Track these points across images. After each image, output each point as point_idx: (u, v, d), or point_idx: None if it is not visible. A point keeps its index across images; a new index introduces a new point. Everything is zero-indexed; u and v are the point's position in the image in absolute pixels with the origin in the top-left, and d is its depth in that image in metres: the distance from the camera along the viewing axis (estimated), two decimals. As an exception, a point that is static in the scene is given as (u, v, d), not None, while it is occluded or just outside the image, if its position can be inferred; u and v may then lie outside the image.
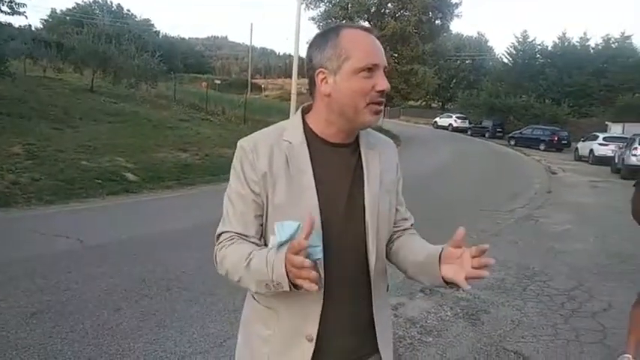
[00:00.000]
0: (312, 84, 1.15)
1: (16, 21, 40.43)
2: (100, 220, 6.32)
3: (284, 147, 1.13)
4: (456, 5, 25.79)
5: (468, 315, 3.79)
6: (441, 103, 52.57)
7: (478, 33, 54.03)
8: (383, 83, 1.09)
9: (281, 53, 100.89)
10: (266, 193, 1.11)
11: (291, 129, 1.17)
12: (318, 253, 1.00)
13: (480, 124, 34.20)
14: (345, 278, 1.12)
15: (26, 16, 16.88)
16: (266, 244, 1.13)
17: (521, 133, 27.99)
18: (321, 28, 26.13)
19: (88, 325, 3.22)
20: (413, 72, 24.91)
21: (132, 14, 53.85)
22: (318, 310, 1.10)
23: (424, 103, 50.84)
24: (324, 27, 17.26)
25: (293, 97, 17.69)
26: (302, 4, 23.95)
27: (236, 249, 1.09)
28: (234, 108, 20.31)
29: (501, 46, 67.45)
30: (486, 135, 32.40)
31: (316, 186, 1.10)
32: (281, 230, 1.01)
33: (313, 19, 26.22)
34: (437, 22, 26.16)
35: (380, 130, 22.57)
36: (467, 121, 36.67)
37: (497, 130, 32.38)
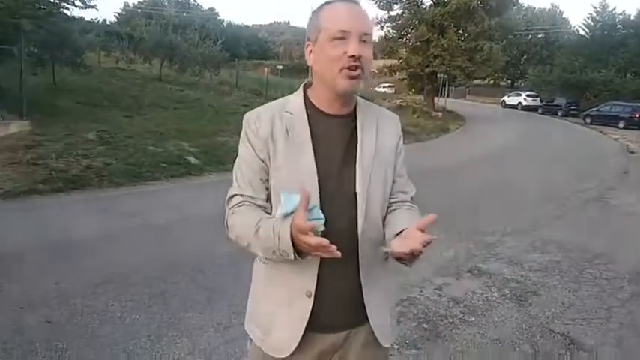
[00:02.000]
0: None
1: (88, 14, 42.88)
2: (164, 201, 6.71)
3: (285, 117, 1.21)
4: (526, -24, 24.29)
5: (516, 296, 3.70)
6: (510, 81, 50.00)
7: (552, 5, 50.83)
8: (353, 49, 1.12)
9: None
10: (269, 158, 1.19)
11: (293, 101, 1.26)
12: (321, 225, 1.07)
13: (552, 101, 32.20)
14: (337, 240, 1.13)
15: (97, 9, 17.95)
16: (272, 206, 1.21)
17: (598, 110, 26.08)
18: (382, 7, 25.64)
19: (145, 295, 3.49)
20: (478, 49, 23.78)
21: (198, 4, 55.55)
22: (316, 267, 1.17)
23: (492, 81, 48.57)
24: (384, 6, 16.68)
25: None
26: (361, -16, 23.52)
27: (245, 216, 1.18)
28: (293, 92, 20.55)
29: (577, 18, 62.63)
30: (559, 113, 30.49)
31: (313, 150, 1.18)
32: (287, 201, 1.08)
33: (373, -1, 25.69)
34: (505, -6, 24.79)
35: (443, 110, 21.74)
36: (538, 99, 34.65)
37: (572, 107, 30.35)
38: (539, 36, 46.58)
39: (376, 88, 39.50)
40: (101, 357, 2.73)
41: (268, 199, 1.22)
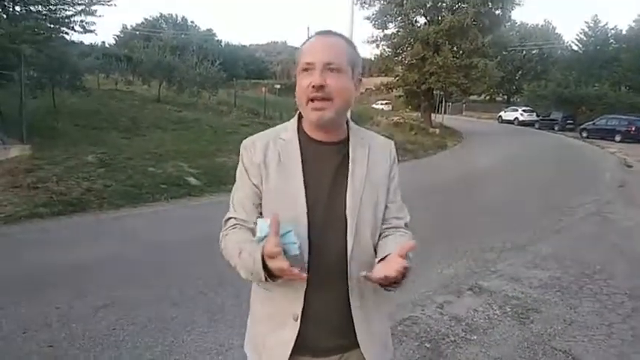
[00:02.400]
0: None
1: (87, 38, 43.37)
2: (163, 223, 6.72)
3: (279, 144, 1.26)
4: (517, -7, 24.66)
5: (517, 314, 3.70)
6: (506, 97, 50.45)
7: (545, 21, 51.44)
8: (313, 78, 1.17)
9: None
10: (261, 183, 1.24)
11: (287, 129, 1.31)
12: (295, 249, 1.08)
13: (549, 116, 32.50)
14: (326, 263, 1.20)
15: (96, 34, 18.21)
16: None
17: (594, 124, 26.29)
18: (377, 26, 25.98)
19: (146, 318, 3.49)
20: (473, 65, 24.06)
21: (196, 25, 56.21)
22: (302, 291, 1.19)
23: (488, 97, 49.02)
24: (379, 25, 17.05)
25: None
26: (356, 4, 23.90)
27: (234, 238, 1.22)
28: (292, 112, 20.75)
29: (570, 33, 63.64)
30: (555, 128, 30.74)
31: (303, 175, 1.21)
32: (261, 226, 1.11)
33: (368, 18, 26.05)
34: (497, 12, 25.15)
35: (441, 126, 21.91)
36: (534, 114, 34.96)
37: (568, 122, 30.65)
38: (534, 52, 47.15)
39: (373, 105, 39.85)
40: (103, 382, 2.72)
41: None
